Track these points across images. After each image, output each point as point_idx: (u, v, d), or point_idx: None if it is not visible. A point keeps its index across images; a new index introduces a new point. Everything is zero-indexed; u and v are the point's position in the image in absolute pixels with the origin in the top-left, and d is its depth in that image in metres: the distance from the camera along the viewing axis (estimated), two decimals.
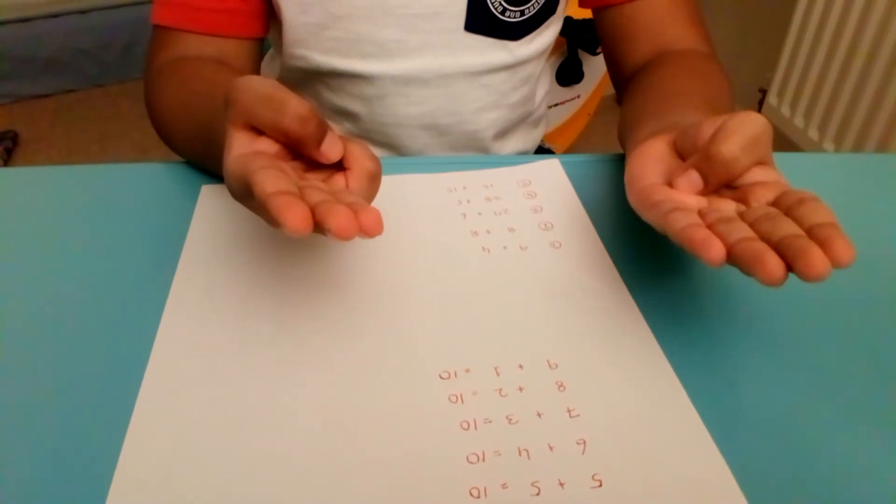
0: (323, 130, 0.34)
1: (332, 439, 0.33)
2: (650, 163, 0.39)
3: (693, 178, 0.36)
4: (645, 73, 0.56)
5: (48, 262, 0.44)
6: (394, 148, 0.65)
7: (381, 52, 0.58)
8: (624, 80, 0.60)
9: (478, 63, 0.60)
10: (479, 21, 0.58)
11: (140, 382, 0.36)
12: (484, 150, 0.68)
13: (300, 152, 0.35)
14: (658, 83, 0.52)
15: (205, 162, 0.50)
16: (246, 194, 0.33)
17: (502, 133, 0.68)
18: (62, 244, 0.46)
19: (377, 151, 0.62)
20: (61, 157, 1.82)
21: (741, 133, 0.35)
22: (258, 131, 0.35)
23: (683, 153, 0.39)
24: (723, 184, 0.36)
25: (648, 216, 0.36)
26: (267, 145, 0.35)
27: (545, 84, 0.72)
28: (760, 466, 0.33)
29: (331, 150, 0.34)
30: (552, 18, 0.62)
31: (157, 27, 0.58)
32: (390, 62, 0.59)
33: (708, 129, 0.36)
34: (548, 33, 0.63)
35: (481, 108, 0.63)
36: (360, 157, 0.36)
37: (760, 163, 0.36)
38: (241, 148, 0.34)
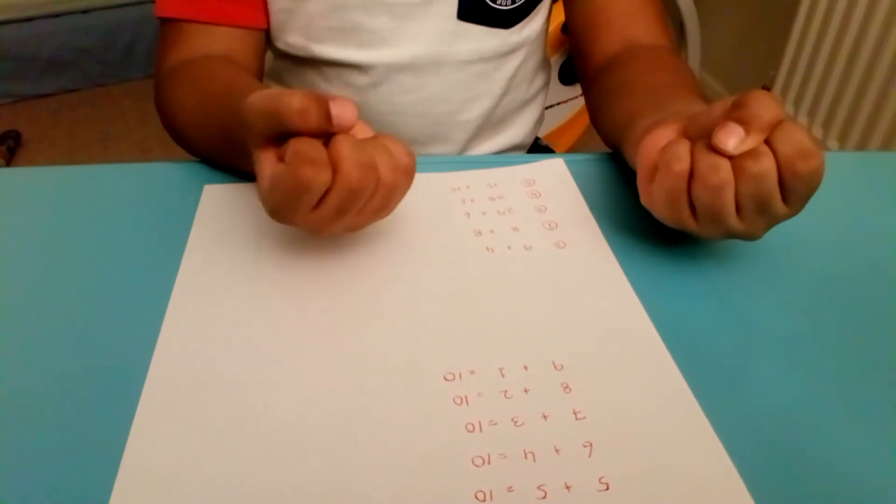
0: (325, 107, 0.35)
1: (337, 441, 0.33)
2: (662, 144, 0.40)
3: (734, 128, 0.36)
4: (619, 69, 0.57)
5: (51, 263, 0.44)
6: None
7: (375, 40, 0.59)
8: (590, 70, 0.61)
9: (469, 50, 0.61)
10: (472, 9, 0.59)
11: (143, 382, 0.36)
12: (476, 139, 0.68)
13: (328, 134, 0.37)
14: (639, 79, 0.53)
15: (225, 160, 0.51)
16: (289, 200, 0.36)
17: (495, 123, 0.68)
18: (64, 244, 0.46)
19: None
20: (63, 157, 1.82)
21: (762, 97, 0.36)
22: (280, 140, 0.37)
23: (694, 138, 0.39)
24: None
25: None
26: None
27: (543, 75, 0.72)
28: (768, 467, 0.32)
29: (342, 114, 0.35)
30: (541, 5, 0.63)
31: (162, 23, 0.58)
32: (384, 50, 0.59)
33: (719, 108, 0.38)
34: (537, 19, 0.64)
35: (473, 97, 0.64)
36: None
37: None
38: (273, 167, 0.37)
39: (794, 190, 0.36)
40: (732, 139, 0.36)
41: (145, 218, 0.48)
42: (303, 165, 0.34)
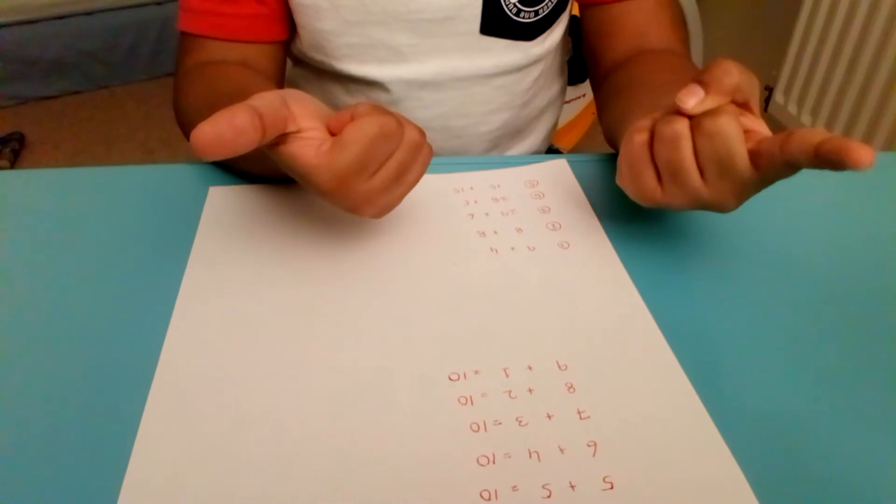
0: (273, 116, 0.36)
1: (342, 441, 0.33)
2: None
3: (694, 88, 0.37)
4: (625, 70, 0.57)
5: (55, 265, 0.44)
6: None
7: (395, 56, 0.58)
8: (602, 72, 0.61)
9: (491, 65, 0.60)
10: (495, 23, 0.58)
11: (150, 384, 0.36)
12: (495, 149, 0.68)
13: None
14: (641, 80, 0.54)
15: (231, 160, 0.51)
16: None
17: (513, 133, 0.68)
18: (69, 247, 0.46)
19: None
20: (67, 159, 1.83)
21: (726, 63, 0.38)
22: None
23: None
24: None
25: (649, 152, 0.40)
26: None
27: (560, 81, 0.72)
28: (772, 467, 0.32)
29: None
30: (563, 14, 0.63)
31: (183, 33, 0.58)
32: (404, 67, 0.59)
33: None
34: (559, 30, 0.64)
35: (494, 110, 0.64)
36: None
37: (748, 108, 0.39)
38: (328, 138, 0.37)
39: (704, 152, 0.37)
40: (692, 99, 0.37)
41: (150, 220, 0.48)
42: (384, 115, 0.36)
